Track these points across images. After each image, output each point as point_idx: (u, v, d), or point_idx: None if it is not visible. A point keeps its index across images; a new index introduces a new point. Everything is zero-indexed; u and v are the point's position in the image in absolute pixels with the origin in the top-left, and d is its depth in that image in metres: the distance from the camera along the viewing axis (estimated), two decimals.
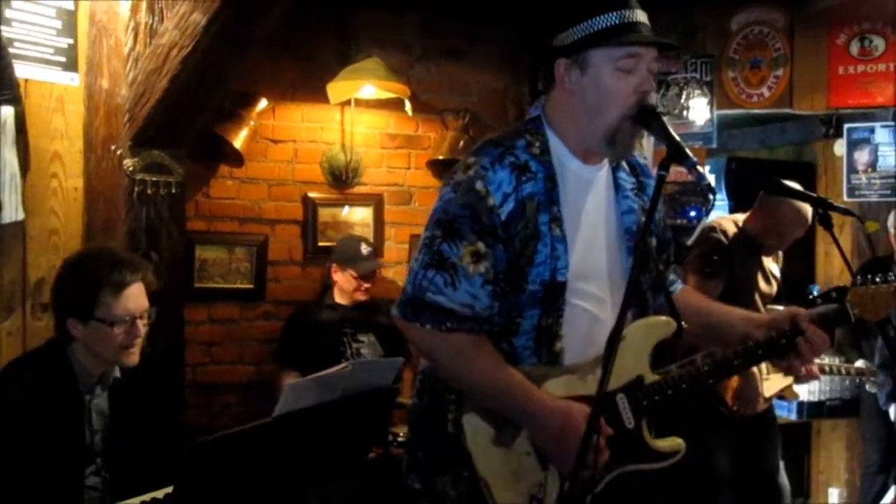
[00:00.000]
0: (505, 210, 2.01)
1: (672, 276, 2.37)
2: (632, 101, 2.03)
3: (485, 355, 2.02)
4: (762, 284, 3.97)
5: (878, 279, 2.20)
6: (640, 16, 2.05)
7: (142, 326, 2.61)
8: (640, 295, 2.18)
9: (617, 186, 2.20)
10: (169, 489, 2.45)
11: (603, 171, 2.19)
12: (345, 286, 4.56)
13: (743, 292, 3.83)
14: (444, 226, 2.03)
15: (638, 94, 2.03)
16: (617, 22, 2.01)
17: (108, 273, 2.55)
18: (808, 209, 3.81)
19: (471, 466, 2.03)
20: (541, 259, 2.02)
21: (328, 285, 4.69)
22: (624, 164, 2.25)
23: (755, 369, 3.73)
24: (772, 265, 4.07)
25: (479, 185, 2.02)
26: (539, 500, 2.02)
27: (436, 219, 2.07)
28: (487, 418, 2.04)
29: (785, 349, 2.15)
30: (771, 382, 3.84)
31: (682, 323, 2.07)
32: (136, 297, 2.60)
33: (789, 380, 3.85)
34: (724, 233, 3.93)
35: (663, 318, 2.13)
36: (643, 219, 2.15)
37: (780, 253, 4.15)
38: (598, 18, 2.02)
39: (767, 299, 3.99)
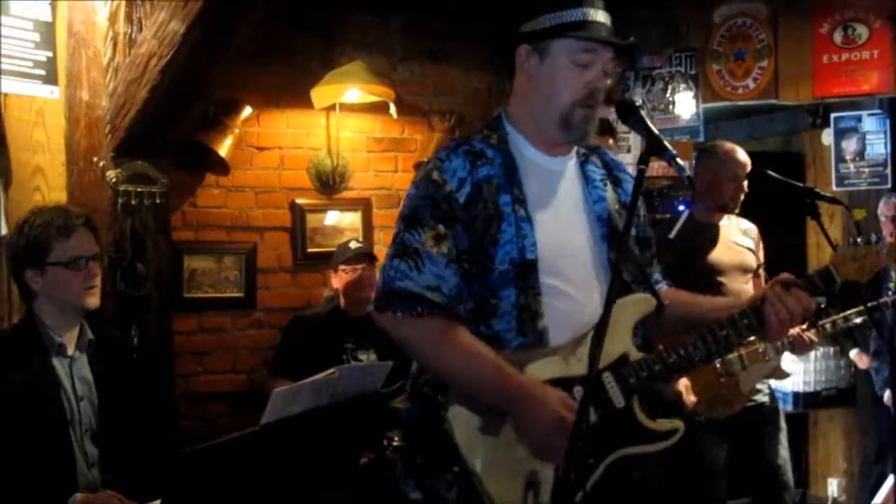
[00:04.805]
0: (462, 193, 2.08)
1: (656, 276, 2.36)
2: (582, 93, 2.12)
3: (459, 339, 2.03)
4: (723, 257, 3.89)
5: (859, 241, 2.17)
6: (603, 16, 2.14)
7: (96, 268, 2.75)
8: (623, 285, 2.17)
9: (586, 178, 2.25)
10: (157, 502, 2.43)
11: (570, 163, 2.25)
12: (343, 285, 4.34)
13: (693, 267, 3.78)
14: (406, 219, 2.12)
15: (589, 88, 2.12)
16: (581, 18, 2.10)
17: (53, 219, 2.71)
18: (741, 151, 3.92)
19: (460, 461, 2.01)
20: (506, 238, 2.07)
21: (332, 297, 4.51)
22: (595, 158, 2.30)
23: (719, 371, 3.72)
24: (739, 237, 4.01)
25: (435, 176, 2.10)
26: (535, 489, 1.99)
27: (401, 216, 2.15)
28: (473, 409, 2.03)
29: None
30: (749, 373, 3.79)
31: (663, 301, 2.11)
32: (84, 239, 2.74)
33: (772, 364, 3.81)
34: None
35: (642, 294, 2.15)
36: (615, 206, 2.22)
37: (754, 229, 4.10)
38: (563, 12, 2.10)
39: (740, 271, 3.92)
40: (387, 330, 2.11)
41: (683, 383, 3.67)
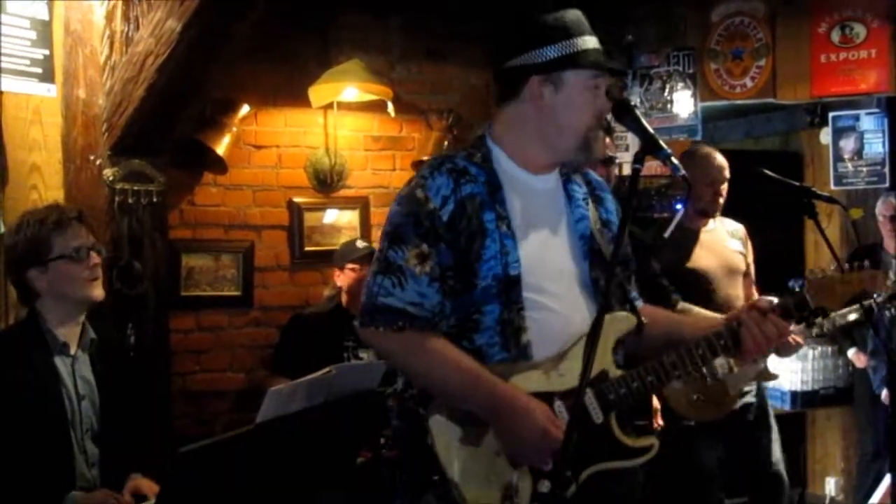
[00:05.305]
0: (446, 211, 2.09)
1: (634, 293, 2.37)
2: (597, 117, 2.18)
3: (441, 349, 2.06)
4: (710, 262, 3.89)
5: (831, 268, 2.22)
6: (596, 41, 2.18)
7: (97, 257, 2.78)
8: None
9: (569, 196, 2.27)
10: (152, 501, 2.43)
11: (552, 183, 2.27)
12: (349, 283, 4.34)
13: (682, 274, 3.79)
14: (389, 236, 2.13)
15: (600, 111, 2.18)
16: (588, 47, 2.15)
17: (48, 217, 2.74)
18: (718, 156, 4.00)
19: (440, 470, 2.02)
20: (490, 254, 2.08)
21: (334, 296, 4.50)
22: (577, 177, 2.33)
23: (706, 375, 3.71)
24: (727, 240, 4.01)
25: (419, 193, 2.11)
26: (512, 500, 2.01)
27: (384, 232, 2.16)
28: (454, 419, 2.05)
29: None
30: (735, 376, 3.78)
31: (643, 319, 2.15)
32: (80, 232, 2.77)
33: (758, 366, 3.81)
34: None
35: (623, 313, 2.18)
36: (597, 225, 2.25)
37: (741, 229, 4.10)
38: (571, 42, 2.13)
39: (730, 275, 3.92)
40: (371, 345, 2.16)
41: (654, 405, 3.68)
